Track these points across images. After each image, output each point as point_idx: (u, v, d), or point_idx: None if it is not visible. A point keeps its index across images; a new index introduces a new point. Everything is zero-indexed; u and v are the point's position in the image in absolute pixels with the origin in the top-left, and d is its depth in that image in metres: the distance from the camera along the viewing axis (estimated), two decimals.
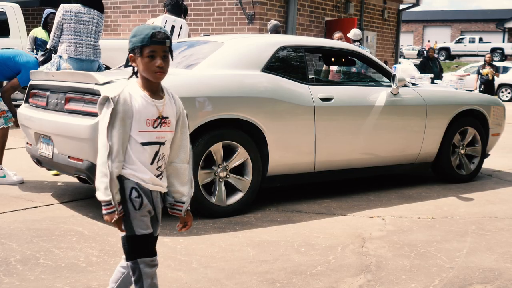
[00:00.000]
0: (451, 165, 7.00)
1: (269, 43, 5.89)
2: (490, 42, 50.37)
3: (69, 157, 5.03)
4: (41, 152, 5.47)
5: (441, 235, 4.91)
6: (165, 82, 2.82)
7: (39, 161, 5.68)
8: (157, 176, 2.79)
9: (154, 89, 2.76)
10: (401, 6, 19.48)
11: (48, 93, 5.51)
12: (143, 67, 2.69)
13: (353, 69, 8.55)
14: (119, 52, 8.98)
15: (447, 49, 48.12)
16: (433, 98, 6.78)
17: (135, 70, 2.76)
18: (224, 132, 5.28)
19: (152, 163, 2.76)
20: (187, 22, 8.17)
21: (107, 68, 8.37)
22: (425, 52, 47.60)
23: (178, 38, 7.32)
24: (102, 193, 2.65)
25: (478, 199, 6.30)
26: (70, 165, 5.03)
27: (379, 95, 6.29)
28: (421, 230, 5.04)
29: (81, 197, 5.86)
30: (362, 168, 6.33)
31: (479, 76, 16.81)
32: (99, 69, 6.87)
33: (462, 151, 7.14)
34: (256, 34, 9.13)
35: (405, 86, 6.54)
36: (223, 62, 5.53)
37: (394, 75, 6.32)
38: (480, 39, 50.46)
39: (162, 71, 2.69)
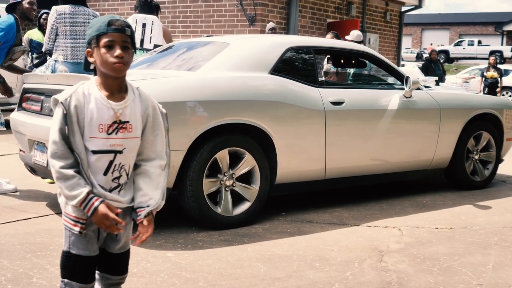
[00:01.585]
0: (465, 172, 6.69)
1: (277, 44, 5.57)
2: (489, 45, 50.24)
3: None
4: (35, 159, 5.14)
5: (462, 248, 4.60)
6: (166, 85, 2.52)
7: (33, 169, 5.35)
8: (114, 189, 2.48)
9: (114, 88, 2.44)
10: (403, 8, 19.18)
11: (42, 97, 5.19)
12: (100, 59, 2.38)
13: (364, 71, 8.24)
14: None
15: (446, 52, 47.91)
16: (447, 101, 6.48)
17: (94, 66, 2.48)
18: (230, 138, 4.96)
19: (105, 173, 2.45)
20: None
21: None
22: (423, 54, 47.70)
23: (151, 34, 6.99)
24: (72, 195, 2.35)
25: (496, 207, 5.99)
26: None
27: (392, 98, 5.98)
28: (441, 242, 4.72)
29: None
30: (374, 175, 6.01)
31: (483, 79, 16.50)
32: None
33: (476, 157, 6.84)
34: (262, 35, 8.81)
35: (418, 89, 6.23)
36: (228, 64, 5.21)
37: (408, 77, 6.01)
38: (479, 42, 50.31)
39: (122, 61, 2.37)
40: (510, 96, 26.56)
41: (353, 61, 6.75)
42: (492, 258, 4.35)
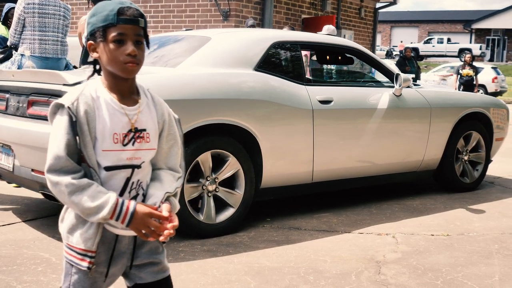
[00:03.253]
0: (455, 173, 6.41)
1: (261, 38, 5.21)
2: (458, 43, 50.53)
3: (33, 170, 4.28)
4: (0, 163, 4.71)
5: (464, 257, 4.29)
6: (142, 82, 2.06)
7: None
8: None
9: (125, 90, 1.98)
10: (378, 5, 18.96)
11: (7, 96, 4.75)
12: (108, 56, 1.91)
13: (352, 68, 7.92)
14: None
15: (416, 50, 47.98)
16: (437, 100, 6.19)
17: (97, 64, 2.02)
18: (213, 140, 4.59)
19: (122, 194, 1.96)
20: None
21: (75, 67, 7.57)
22: (393, 52, 47.81)
23: None
24: (97, 205, 1.85)
25: (490, 211, 5.71)
26: (34, 180, 4.28)
27: (382, 97, 5.66)
28: (440, 251, 4.42)
29: (47, 213, 5.12)
30: (363, 177, 5.69)
31: (459, 76, 16.34)
32: (66, 68, 6.12)
33: (466, 158, 6.56)
34: (245, 29, 8.43)
35: (407, 87, 5.92)
36: (210, 59, 4.84)
37: (398, 75, 5.70)
38: (448, 40, 50.60)
39: (134, 61, 1.91)
40: (481, 94, 26.62)
41: (340, 57, 6.41)
42: (497, 269, 4.06)
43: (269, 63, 5.09)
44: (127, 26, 1.90)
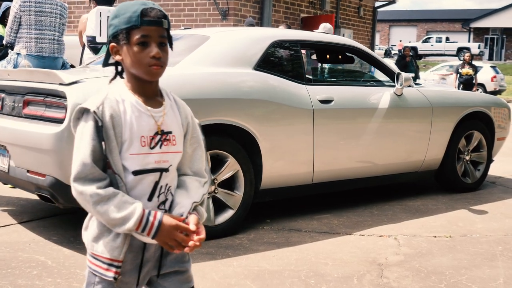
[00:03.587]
0: (457, 173, 6.34)
1: (261, 37, 5.13)
2: (456, 42, 50.49)
3: (28, 171, 4.20)
4: None
5: (467, 259, 4.22)
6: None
7: None
8: None
9: (149, 93, 1.92)
10: (377, 4, 18.89)
11: (3, 95, 4.66)
12: (132, 59, 1.85)
13: (352, 67, 7.84)
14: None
15: (414, 49, 47.87)
16: (438, 99, 6.11)
17: (119, 67, 1.96)
18: (211, 140, 4.50)
19: (150, 199, 1.90)
20: None
21: (72, 66, 7.49)
22: (391, 51, 47.76)
23: None
24: (123, 217, 1.80)
25: (493, 212, 5.64)
26: (30, 181, 4.19)
27: (383, 96, 5.59)
28: (443, 253, 4.34)
29: (43, 215, 5.03)
30: (364, 178, 5.61)
31: (458, 75, 16.29)
32: (63, 67, 6.03)
33: (467, 158, 6.49)
34: (244, 27, 8.35)
35: (409, 86, 5.85)
36: (209, 58, 4.76)
37: (399, 74, 5.62)
38: (447, 39, 50.55)
39: (159, 63, 1.86)
40: (480, 92, 26.59)
41: (340, 56, 6.33)
42: (501, 272, 3.98)
43: (269, 62, 5.02)
44: (151, 27, 1.85)
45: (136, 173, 1.87)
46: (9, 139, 4.36)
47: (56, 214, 5.02)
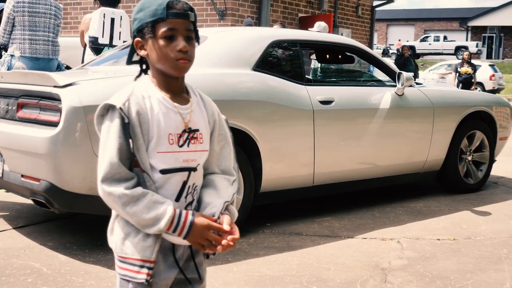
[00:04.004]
0: (459, 174, 6.25)
1: (260, 37, 5.04)
2: (454, 41, 50.45)
3: (22, 176, 4.10)
4: None
5: (472, 263, 4.13)
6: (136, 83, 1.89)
7: None
8: None
9: (176, 89, 1.86)
10: (375, 3, 18.79)
11: None
12: (158, 53, 1.79)
13: (352, 67, 7.75)
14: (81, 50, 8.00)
15: (412, 48, 47.86)
16: (440, 98, 6.02)
17: (144, 63, 1.89)
18: None
19: (178, 199, 1.84)
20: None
21: (68, 68, 7.38)
22: (389, 50, 47.69)
23: (120, 28, 6.40)
24: (154, 217, 1.74)
25: (496, 213, 5.55)
26: (24, 186, 4.09)
27: (384, 97, 5.49)
28: (447, 256, 4.25)
29: (39, 220, 4.93)
30: (366, 180, 5.52)
31: (457, 74, 16.22)
32: (58, 69, 5.93)
33: (469, 158, 6.40)
34: (243, 27, 8.25)
35: (410, 85, 5.76)
36: (207, 59, 4.67)
37: (400, 73, 5.53)
38: (445, 38, 50.52)
39: (186, 57, 1.79)
40: (479, 91, 26.52)
41: (340, 56, 6.24)
42: (507, 276, 3.89)
43: (268, 62, 4.92)
44: (177, 20, 1.79)
45: (164, 172, 1.81)
46: (2, 143, 4.26)
47: (51, 219, 4.92)
